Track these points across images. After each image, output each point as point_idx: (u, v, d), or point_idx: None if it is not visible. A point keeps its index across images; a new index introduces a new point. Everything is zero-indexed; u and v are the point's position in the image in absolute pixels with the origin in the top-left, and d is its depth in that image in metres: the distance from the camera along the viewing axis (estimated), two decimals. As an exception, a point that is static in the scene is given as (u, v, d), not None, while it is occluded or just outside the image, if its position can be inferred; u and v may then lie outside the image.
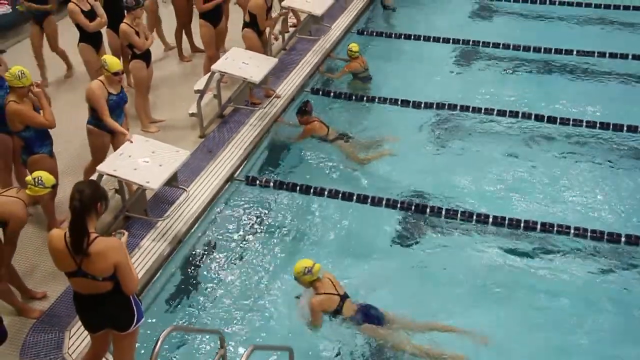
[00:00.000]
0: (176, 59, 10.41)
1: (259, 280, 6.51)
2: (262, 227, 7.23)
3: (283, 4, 10.35)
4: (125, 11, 8.14)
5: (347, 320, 5.87)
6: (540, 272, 6.63)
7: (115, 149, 6.99)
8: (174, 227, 6.86)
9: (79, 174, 7.21)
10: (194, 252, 6.85)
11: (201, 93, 8.40)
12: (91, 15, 8.39)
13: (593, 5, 12.14)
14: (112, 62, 6.76)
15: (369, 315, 5.88)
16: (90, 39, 8.47)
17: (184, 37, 10.38)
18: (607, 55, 10.37)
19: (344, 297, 5.91)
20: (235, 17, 10.37)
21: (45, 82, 9.40)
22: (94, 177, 6.58)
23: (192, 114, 8.48)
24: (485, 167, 8.10)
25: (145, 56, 8.26)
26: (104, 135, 6.92)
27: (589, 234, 6.92)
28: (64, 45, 9.53)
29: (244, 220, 7.33)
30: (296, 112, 8.48)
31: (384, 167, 8.14)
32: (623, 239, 6.84)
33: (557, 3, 12.33)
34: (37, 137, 6.39)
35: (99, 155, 6.98)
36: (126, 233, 4.76)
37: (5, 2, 11.56)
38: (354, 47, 9.83)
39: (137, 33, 8.03)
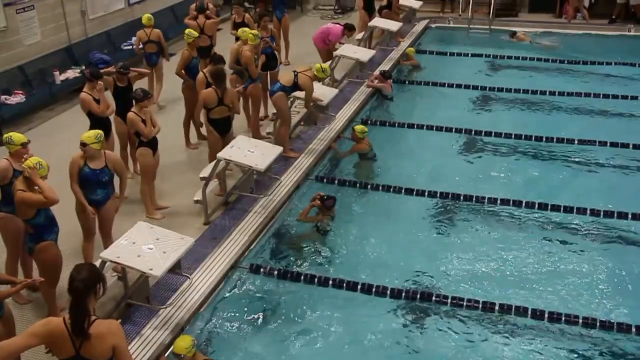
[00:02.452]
0: (182, 147, 10.59)
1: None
2: (265, 317, 7.11)
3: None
4: (134, 101, 8.37)
5: None
6: None
7: (99, 222, 7.24)
8: (176, 315, 6.77)
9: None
10: (196, 342, 6.71)
11: (206, 180, 8.49)
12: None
13: (592, 95, 12.40)
14: (87, 135, 7.04)
15: None
16: (100, 127, 8.63)
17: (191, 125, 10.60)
18: (609, 144, 10.51)
19: None
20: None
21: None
22: (96, 263, 6.56)
23: (197, 201, 8.54)
24: (489, 256, 8.06)
25: (152, 144, 8.42)
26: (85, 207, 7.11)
27: (597, 324, 6.80)
28: (74, 135, 9.71)
29: (247, 309, 7.22)
30: (325, 201, 8.51)
31: (388, 256, 8.11)
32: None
33: (556, 93, 12.59)
34: (47, 223, 6.43)
35: (84, 231, 7.21)
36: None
37: (20, 92, 11.93)
38: (363, 129, 10.11)
39: (144, 121, 8.23)
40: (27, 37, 12.59)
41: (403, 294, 7.31)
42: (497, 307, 7.06)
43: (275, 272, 7.67)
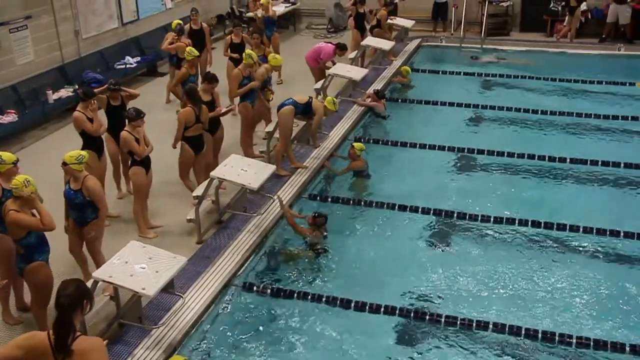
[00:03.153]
0: (175, 165, 10.53)
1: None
2: (258, 335, 7.07)
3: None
4: (127, 120, 8.35)
5: None
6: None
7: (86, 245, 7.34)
8: (169, 335, 6.72)
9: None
10: (188, 361, 6.69)
11: (199, 199, 8.48)
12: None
13: (584, 115, 12.47)
14: (69, 155, 7.03)
15: None
16: (93, 146, 8.65)
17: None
18: (600, 163, 10.55)
19: None
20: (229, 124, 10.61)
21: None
22: (88, 283, 6.51)
23: (190, 220, 8.51)
24: (482, 274, 8.05)
25: (145, 162, 8.41)
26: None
27: (591, 343, 6.78)
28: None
29: (240, 328, 7.19)
30: (316, 218, 8.50)
31: (382, 273, 8.09)
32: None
33: (548, 112, 12.67)
34: (38, 243, 6.41)
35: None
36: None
37: (13, 111, 11.92)
38: (361, 146, 10.20)
39: (137, 140, 8.23)
40: (20, 57, 12.60)
41: (397, 312, 7.29)
42: (491, 326, 7.04)
43: (269, 290, 7.65)
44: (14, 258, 6.58)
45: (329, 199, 9.72)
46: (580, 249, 8.56)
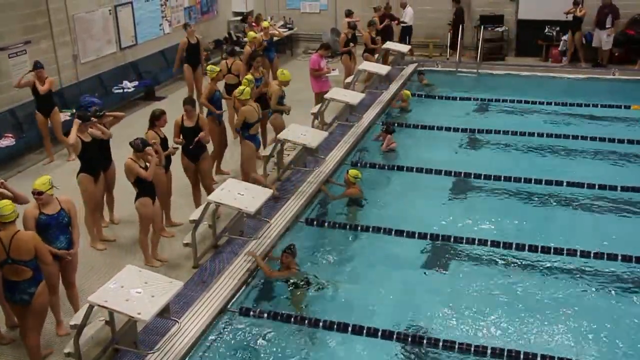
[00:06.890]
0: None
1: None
2: (255, 360, 7.05)
3: (279, 136, 10.66)
4: (133, 150, 8.19)
5: None
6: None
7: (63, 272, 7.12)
8: (164, 361, 6.69)
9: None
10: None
11: (196, 223, 8.46)
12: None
13: (580, 137, 12.52)
14: (41, 182, 6.86)
15: None
16: (90, 170, 8.63)
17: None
18: (597, 186, 10.58)
19: None
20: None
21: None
22: (84, 308, 6.48)
23: (186, 244, 8.49)
24: (479, 298, 8.04)
25: (151, 193, 8.31)
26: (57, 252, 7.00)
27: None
28: (64, 178, 9.68)
29: (237, 353, 7.14)
30: (285, 250, 8.25)
31: (378, 298, 8.06)
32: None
33: (544, 135, 12.74)
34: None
35: (50, 288, 6.81)
36: None
37: (10, 135, 11.94)
38: (357, 174, 10.19)
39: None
40: (18, 81, 12.64)
41: (394, 336, 7.25)
42: (489, 351, 7.00)
43: (265, 315, 7.60)
44: None
45: (326, 224, 9.71)
46: (579, 273, 8.54)
